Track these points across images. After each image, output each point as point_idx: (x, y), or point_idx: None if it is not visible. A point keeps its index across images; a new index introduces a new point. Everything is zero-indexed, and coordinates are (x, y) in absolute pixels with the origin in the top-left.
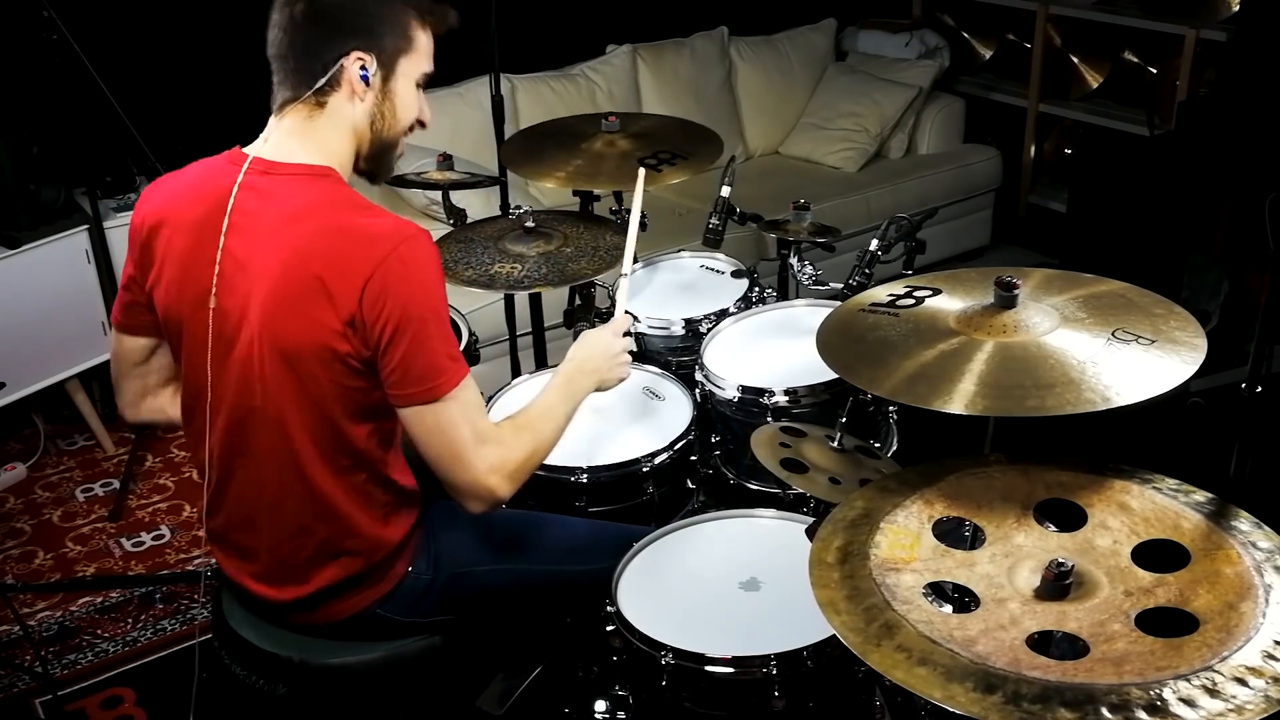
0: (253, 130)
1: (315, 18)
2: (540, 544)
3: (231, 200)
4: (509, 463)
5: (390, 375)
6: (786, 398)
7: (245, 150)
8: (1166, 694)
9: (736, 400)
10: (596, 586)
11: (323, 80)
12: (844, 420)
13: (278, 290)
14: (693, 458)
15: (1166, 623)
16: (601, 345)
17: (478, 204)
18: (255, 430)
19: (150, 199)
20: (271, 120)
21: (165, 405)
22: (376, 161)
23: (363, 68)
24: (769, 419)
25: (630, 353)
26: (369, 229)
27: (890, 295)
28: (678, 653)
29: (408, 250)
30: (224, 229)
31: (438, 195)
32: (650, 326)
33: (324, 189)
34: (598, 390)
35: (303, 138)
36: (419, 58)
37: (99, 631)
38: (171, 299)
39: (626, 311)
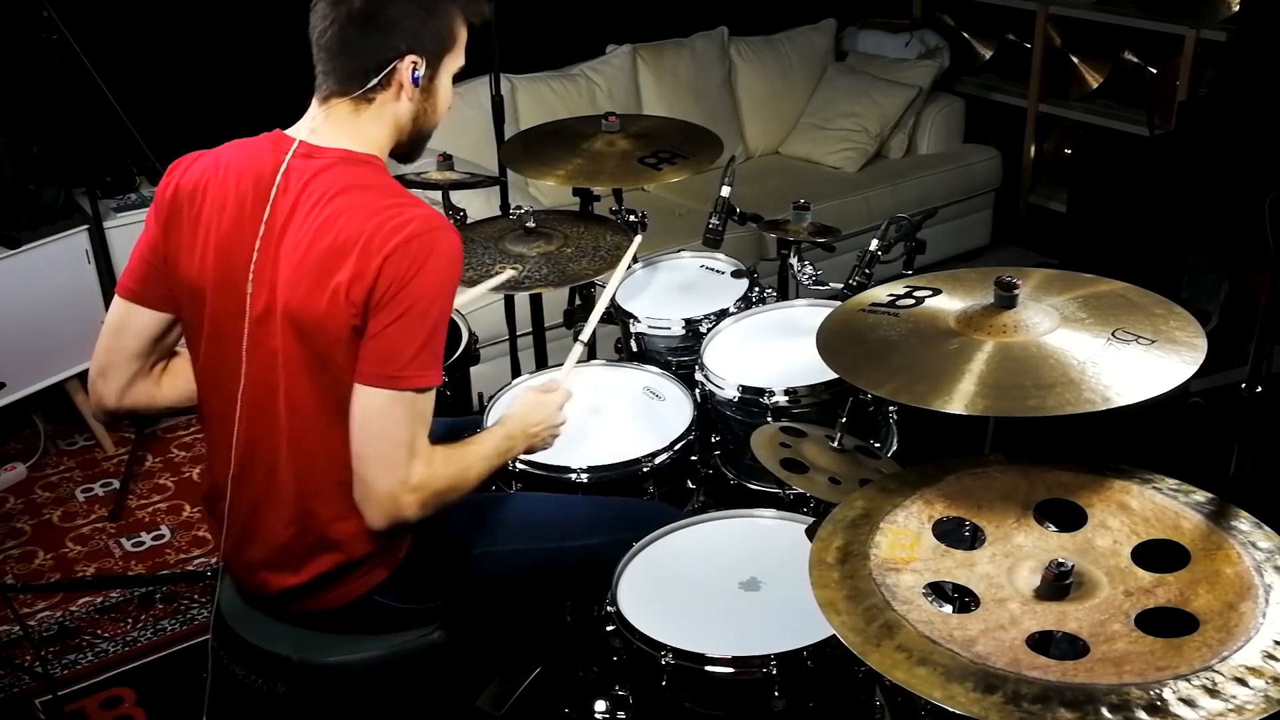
0: (253, 129)
1: (370, 19)
2: (538, 524)
3: (277, 182)
4: (429, 486)
5: (373, 344)
6: (786, 398)
7: (288, 133)
8: (1166, 694)
9: (736, 400)
10: (596, 565)
11: (374, 81)
12: (844, 420)
13: (303, 264)
14: (693, 458)
15: (1166, 623)
16: (546, 414)
17: (478, 204)
18: (276, 410)
19: (186, 169)
20: (314, 106)
21: (153, 392)
22: (412, 146)
23: (415, 70)
24: (769, 419)
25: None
26: (403, 212)
27: (890, 295)
28: (678, 653)
29: (434, 239)
30: (267, 211)
31: (438, 195)
32: (650, 326)
33: (365, 174)
34: (527, 451)
35: (347, 129)
36: (459, 52)
37: (99, 631)
38: (198, 273)
39: (626, 307)
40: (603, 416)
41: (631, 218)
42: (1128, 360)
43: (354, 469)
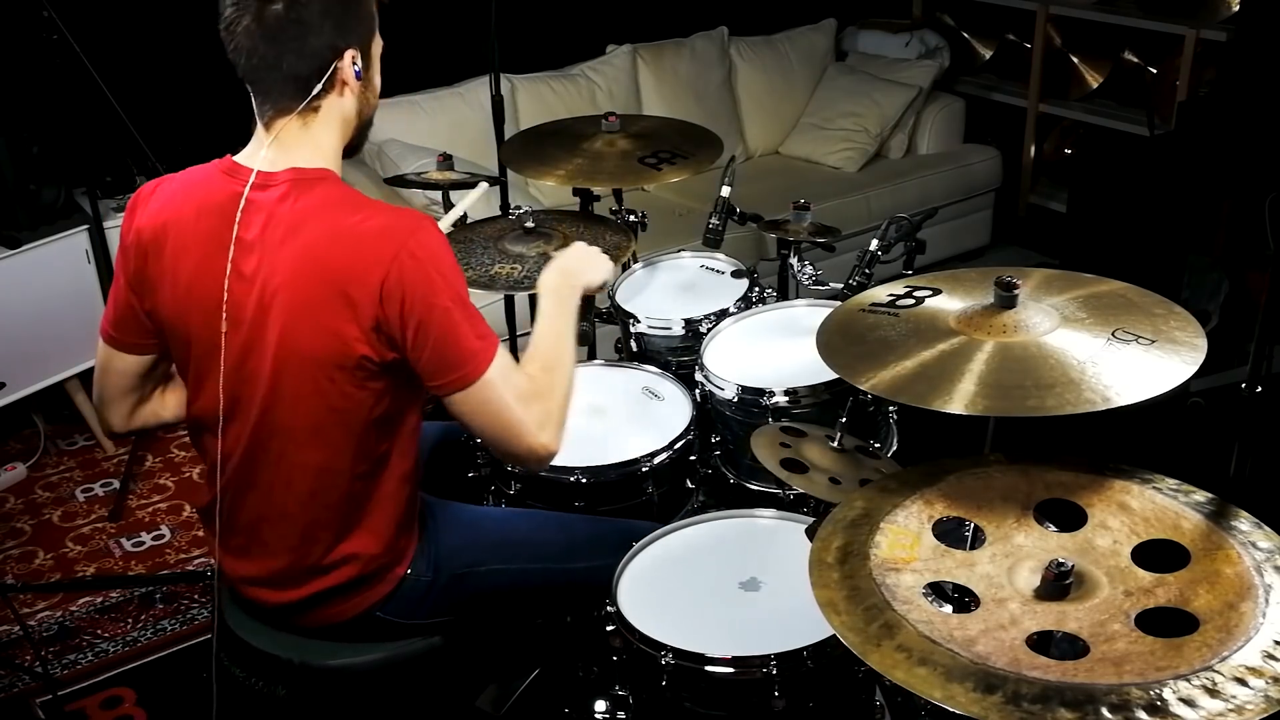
0: (251, 130)
1: (299, 23)
2: (540, 543)
3: (238, 217)
4: (553, 413)
5: (425, 369)
6: (786, 398)
7: (238, 160)
8: (1166, 694)
9: (736, 400)
10: (598, 585)
11: (319, 87)
12: (844, 420)
13: (294, 304)
14: (692, 458)
15: (1166, 623)
16: (574, 252)
17: (477, 204)
18: (274, 444)
19: (146, 208)
20: (260, 133)
21: (159, 410)
22: (359, 139)
23: (355, 64)
24: (769, 419)
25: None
26: (372, 227)
27: (890, 295)
28: (678, 653)
29: (416, 243)
30: (232, 246)
31: (438, 195)
32: (650, 326)
33: (320, 193)
34: (587, 291)
35: (298, 145)
36: (378, 32)
37: (99, 631)
38: (179, 314)
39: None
40: (602, 416)
41: (631, 217)
42: (1128, 360)
43: (490, 447)
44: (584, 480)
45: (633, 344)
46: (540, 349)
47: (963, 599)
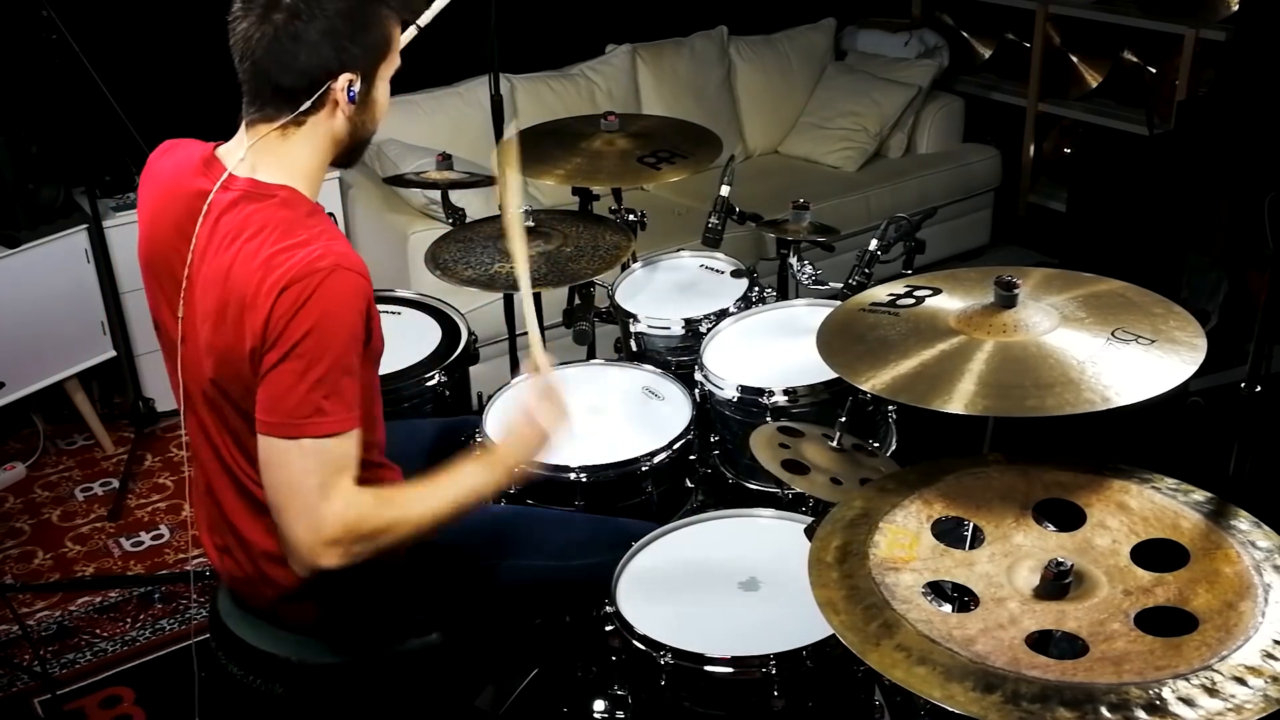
0: None
1: (298, 37)
2: (539, 539)
3: (201, 217)
4: (353, 533)
5: (261, 391)
6: (786, 397)
7: (219, 152)
8: (1165, 693)
9: (736, 400)
10: (596, 583)
11: (307, 105)
12: (843, 420)
13: (216, 310)
14: (691, 457)
15: (1166, 622)
16: (523, 432)
17: (477, 204)
18: (222, 443)
19: (143, 190)
20: (242, 131)
21: None
22: (350, 156)
23: (350, 88)
24: (768, 419)
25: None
26: (291, 256)
27: (890, 295)
28: (677, 653)
29: (317, 280)
30: (193, 243)
31: (437, 195)
32: (650, 326)
33: (264, 212)
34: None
35: (272, 156)
36: (394, 57)
37: (98, 631)
38: (148, 296)
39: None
40: (602, 416)
41: (631, 217)
42: (1127, 360)
43: (273, 516)
44: (583, 479)
45: (632, 344)
46: (405, 491)
47: (962, 598)
